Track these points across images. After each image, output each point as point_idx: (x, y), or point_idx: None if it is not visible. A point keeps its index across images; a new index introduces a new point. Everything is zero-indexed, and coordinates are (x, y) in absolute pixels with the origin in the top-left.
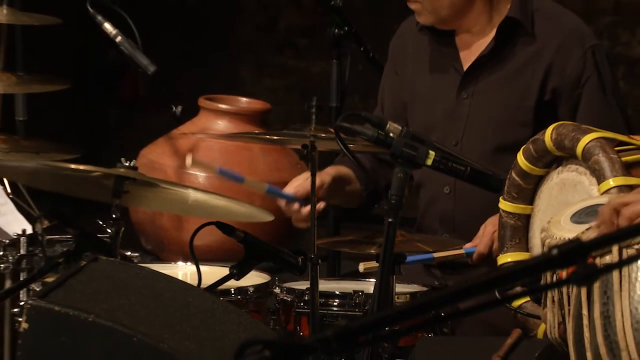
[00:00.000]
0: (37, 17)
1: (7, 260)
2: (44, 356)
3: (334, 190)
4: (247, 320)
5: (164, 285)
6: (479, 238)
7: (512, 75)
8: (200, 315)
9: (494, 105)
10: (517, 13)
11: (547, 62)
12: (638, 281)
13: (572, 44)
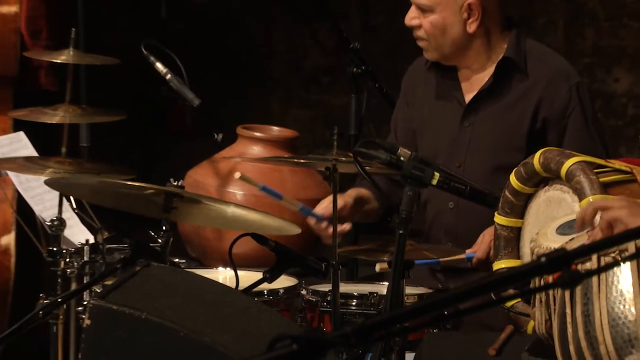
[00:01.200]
0: (98, 58)
1: (72, 265)
2: (103, 348)
3: (355, 210)
4: (277, 317)
5: (206, 288)
6: (477, 245)
7: (508, 107)
8: (237, 313)
9: (492, 132)
10: (513, 53)
11: (538, 96)
12: (614, 284)
13: (559, 80)
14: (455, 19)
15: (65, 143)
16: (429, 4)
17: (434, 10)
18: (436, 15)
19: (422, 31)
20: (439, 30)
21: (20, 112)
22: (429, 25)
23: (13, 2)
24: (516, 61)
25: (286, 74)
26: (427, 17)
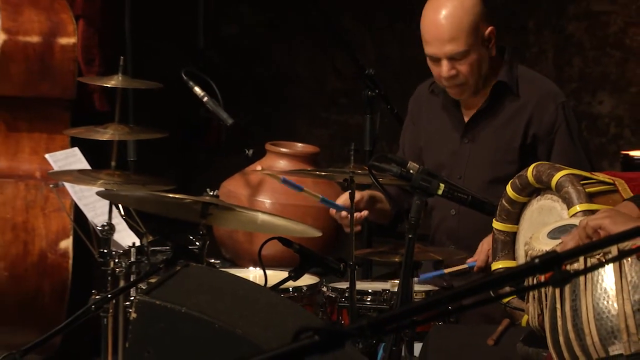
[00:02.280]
0: (143, 82)
1: (121, 265)
2: (147, 339)
3: (370, 204)
4: (301, 311)
5: (238, 285)
6: (477, 254)
7: (502, 125)
8: (266, 307)
9: (489, 148)
10: (506, 78)
11: (528, 115)
12: (599, 283)
13: (547, 101)
14: (484, 52)
15: (114, 158)
16: (465, 49)
17: (469, 53)
18: (472, 56)
19: (461, 77)
20: (477, 68)
21: (76, 131)
22: (467, 68)
23: (71, 34)
24: (509, 84)
25: (308, 97)
26: (464, 62)
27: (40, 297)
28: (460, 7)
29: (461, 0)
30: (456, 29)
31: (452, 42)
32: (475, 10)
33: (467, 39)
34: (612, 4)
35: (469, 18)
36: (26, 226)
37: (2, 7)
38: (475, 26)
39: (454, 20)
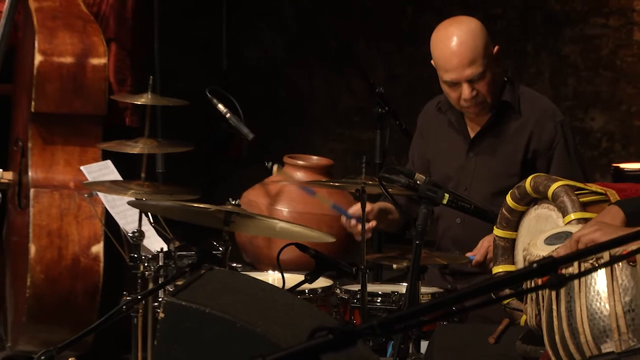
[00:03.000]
0: (171, 100)
1: (150, 269)
2: (174, 337)
3: (380, 215)
4: (316, 312)
5: (258, 287)
6: (477, 249)
7: (505, 141)
8: (283, 308)
9: (492, 162)
10: (509, 97)
11: (529, 132)
12: (592, 286)
13: (546, 119)
14: (496, 69)
15: (144, 169)
16: (482, 70)
17: (485, 73)
18: (488, 75)
19: (480, 96)
20: (492, 86)
21: (108, 144)
22: (485, 87)
23: (102, 55)
24: (512, 103)
25: (323, 114)
26: (482, 82)
27: (74, 298)
28: (469, 33)
29: (467, 26)
30: (473, 53)
31: (470, 66)
32: (482, 34)
33: (483, 61)
34: (604, 28)
35: (481, 41)
36: (60, 232)
37: (39, 30)
38: (487, 47)
39: (468, 46)
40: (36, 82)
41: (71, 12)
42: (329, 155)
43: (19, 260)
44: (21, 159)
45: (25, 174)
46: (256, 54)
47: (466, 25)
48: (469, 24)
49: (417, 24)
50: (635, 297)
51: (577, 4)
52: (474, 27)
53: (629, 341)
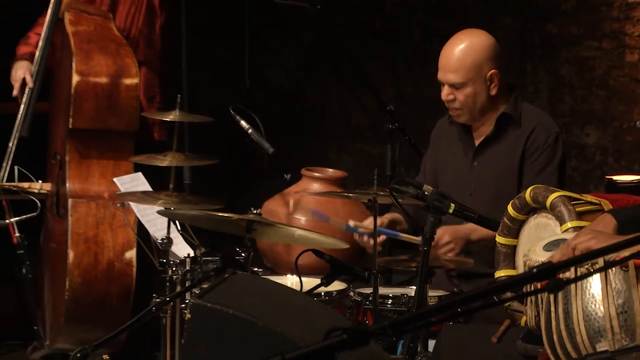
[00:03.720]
0: (197, 117)
1: (178, 273)
2: (200, 336)
3: (390, 226)
4: (332, 313)
5: (278, 290)
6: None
7: (505, 148)
8: (301, 309)
9: (494, 167)
10: (511, 110)
11: (525, 140)
12: (587, 289)
13: (541, 129)
14: (482, 88)
15: (172, 181)
16: (462, 81)
17: (466, 85)
18: (469, 88)
19: (457, 103)
20: (471, 99)
21: (139, 158)
22: (463, 97)
23: (134, 76)
24: (513, 116)
25: (338, 130)
26: (461, 91)
27: (109, 300)
28: (470, 47)
29: (474, 41)
30: (458, 63)
31: (453, 72)
32: (481, 52)
33: (467, 74)
34: (598, 51)
35: (474, 58)
36: (96, 239)
37: (76, 52)
38: (478, 65)
39: (460, 56)
40: (73, 101)
41: (105, 36)
42: (343, 168)
43: (57, 265)
44: (59, 171)
45: (63, 185)
46: (276, 74)
47: (470, 38)
48: (473, 38)
49: (425, 48)
50: (627, 299)
51: (573, 28)
52: (477, 43)
53: (621, 340)
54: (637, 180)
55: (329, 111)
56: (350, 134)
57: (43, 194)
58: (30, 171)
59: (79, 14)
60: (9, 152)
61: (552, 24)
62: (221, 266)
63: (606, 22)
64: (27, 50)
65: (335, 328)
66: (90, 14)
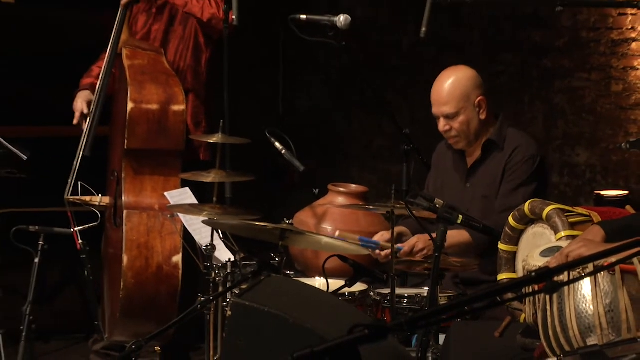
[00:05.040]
0: (237, 139)
1: (220, 275)
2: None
3: (397, 240)
4: (354, 311)
5: (307, 291)
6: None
7: (490, 172)
8: (328, 307)
9: (482, 189)
10: (495, 136)
11: (505, 160)
12: (579, 290)
13: (519, 152)
14: (473, 114)
15: (215, 195)
16: (455, 111)
17: (459, 114)
18: (462, 117)
19: (454, 131)
20: (466, 126)
21: (187, 175)
22: (458, 125)
23: (181, 103)
24: (496, 141)
25: (361, 150)
26: (455, 120)
27: (158, 298)
28: (456, 80)
29: (459, 75)
30: (449, 96)
31: (445, 105)
32: (467, 83)
33: (458, 104)
34: (587, 82)
35: (461, 89)
36: (147, 245)
37: (131, 82)
38: (466, 95)
39: (449, 90)
40: (128, 125)
41: (157, 69)
42: (365, 184)
43: (114, 268)
44: (116, 186)
45: (120, 198)
46: (306, 101)
47: (455, 73)
48: (458, 73)
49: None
50: (614, 299)
51: (565, 62)
52: (462, 76)
53: (609, 335)
54: (622, 194)
55: (352, 134)
56: (370, 154)
57: (103, 206)
58: (92, 186)
59: (135, 49)
60: (74, 169)
61: (547, 59)
62: (258, 269)
63: (594, 57)
64: (88, 81)
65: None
66: (144, 49)
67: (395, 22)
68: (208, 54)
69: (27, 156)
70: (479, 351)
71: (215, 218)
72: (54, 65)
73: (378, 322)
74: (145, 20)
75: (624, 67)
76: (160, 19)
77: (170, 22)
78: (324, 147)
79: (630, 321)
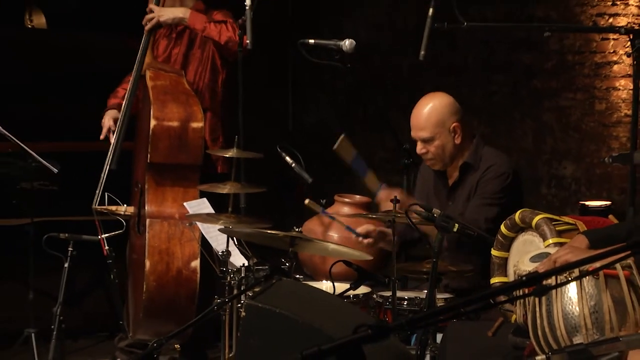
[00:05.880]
0: (251, 153)
1: (235, 279)
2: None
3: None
4: (358, 312)
5: (315, 293)
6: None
7: (467, 192)
8: (334, 309)
9: (460, 206)
10: (471, 159)
11: (478, 179)
12: (565, 293)
13: (491, 170)
14: (448, 139)
15: (230, 205)
16: (431, 136)
17: (435, 139)
18: (437, 142)
19: (430, 154)
20: (441, 150)
21: (205, 186)
22: (434, 149)
23: (200, 120)
24: (472, 164)
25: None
26: (431, 144)
27: (178, 300)
28: (433, 107)
29: (435, 102)
30: (425, 122)
31: (422, 130)
32: (444, 110)
33: (434, 129)
34: (573, 101)
35: (437, 116)
36: (168, 251)
37: (154, 102)
38: (441, 120)
39: (426, 116)
40: (151, 140)
41: (177, 89)
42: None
43: (137, 272)
44: (140, 197)
45: (143, 208)
46: (314, 118)
47: (432, 100)
48: (435, 100)
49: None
50: (598, 302)
51: (553, 83)
52: (438, 103)
53: (593, 335)
54: (604, 205)
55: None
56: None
57: (127, 215)
58: (117, 197)
59: (158, 71)
60: (101, 181)
61: (537, 80)
62: (269, 273)
63: (579, 78)
64: (115, 101)
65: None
66: (166, 71)
67: (396, 46)
68: (224, 75)
69: (58, 169)
70: (474, 349)
71: (231, 226)
72: (83, 85)
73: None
74: (166, 44)
75: (606, 88)
76: (179, 43)
77: (190, 46)
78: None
79: (613, 322)
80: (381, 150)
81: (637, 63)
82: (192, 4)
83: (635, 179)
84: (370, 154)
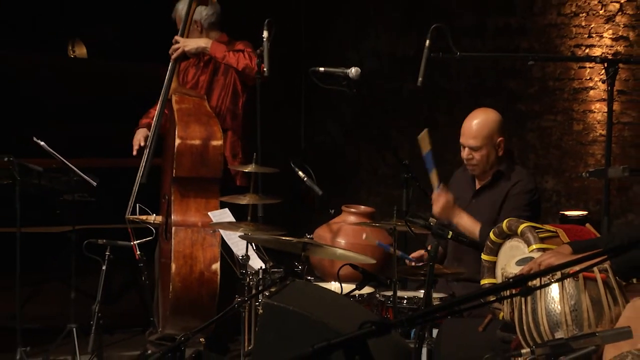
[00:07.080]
0: (267, 169)
1: (253, 280)
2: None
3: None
4: (363, 310)
5: (325, 293)
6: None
7: (494, 194)
8: (341, 307)
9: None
10: (504, 169)
11: (509, 189)
12: (548, 293)
13: (519, 185)
14: (492, 151)
15: (249, 214)
16: (479, 145)
17: (482, 148)
18: (483, 151)
19: (475, 160)
20: (485, 159)
21: (226, 198)
22: (479, 157)
23: (220, 139)
24: (505, 173)
25: (368, 178)
26: (478, 152)
27: (201, 299)
28: (485, 120)
29: (486, 115)
30: (477, 132)
31: (473, 139)
32: (493, 125)
33: (482, 140)
34: (554, 122)
35: (487, 129)
36: (192, 255)
37: (178, 122)
38: (490, 134)
39: (477, 127)
40: (176, 157)
41: (200, 111)
42: (372, 205)
43: (165, 274)
44: (167, 207)
45: (170, 217)
46: (324, 137)
47: (485, 114)
48: (487, 115)
49: (433, 117)
50: (577, 301)
51: (536, 106)
52: (489, 118)
53: (573, 330)
54: (582, 214)
55: (361, 164)
56: (377, 180)
57: (156, 224)
58: (148, 207)
59: (182, 95)
60: (133, 193)
61: (521, 103)
62: (284, 275)
63: (559, 102)
64: (146, 121)
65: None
66: (190, 95)
67: (396, 73)
68: (244, 99)
69: (96, 182)
70: (466, 343)
71: (250, 233)
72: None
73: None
74: (194, 72)
75: (583, 110)
76: (206, 71)
77: (214, 73)
78: (338, 175)
79: (591, 319)
80: (383, 166)
81: (610, 89)
82: (216, 36)
83: (609, 191)
84: (373, 169)
